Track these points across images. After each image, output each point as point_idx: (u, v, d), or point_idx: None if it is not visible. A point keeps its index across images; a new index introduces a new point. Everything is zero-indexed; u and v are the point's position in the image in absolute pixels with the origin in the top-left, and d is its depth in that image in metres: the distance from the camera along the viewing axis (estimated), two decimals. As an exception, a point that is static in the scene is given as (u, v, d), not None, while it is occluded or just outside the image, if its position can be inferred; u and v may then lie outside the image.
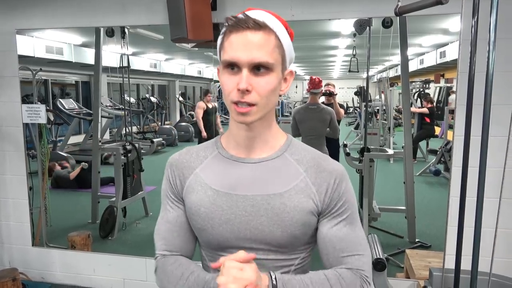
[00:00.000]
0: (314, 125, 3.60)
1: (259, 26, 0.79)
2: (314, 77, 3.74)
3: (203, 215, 0.87)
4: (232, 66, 0.80)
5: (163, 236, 0.94)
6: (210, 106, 5.85)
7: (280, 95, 0.88)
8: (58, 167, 5.64)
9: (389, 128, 7.56)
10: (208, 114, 5.79)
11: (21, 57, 2.90)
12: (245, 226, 0.85)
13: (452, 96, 8.39)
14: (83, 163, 5.13)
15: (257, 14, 0.81)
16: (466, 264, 1.46)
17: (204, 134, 5.61)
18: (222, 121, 12.58)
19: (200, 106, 5.80)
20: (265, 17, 0.81)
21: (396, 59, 5.69)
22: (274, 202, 0.85)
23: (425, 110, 6.97)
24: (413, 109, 7.05)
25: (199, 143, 6.07)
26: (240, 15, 0.81)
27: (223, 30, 0.82)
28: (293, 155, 0.90)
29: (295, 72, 0.88)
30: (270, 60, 0.79)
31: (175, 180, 0.93)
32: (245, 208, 0.85)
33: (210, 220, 0.86)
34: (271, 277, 0.79)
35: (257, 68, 0.79)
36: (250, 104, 0.80)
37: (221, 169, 0.89)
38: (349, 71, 4.53)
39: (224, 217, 0.86)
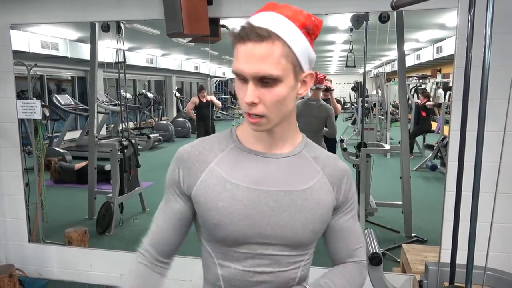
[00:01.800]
0: (310, 120, 3.60)
1: (263, 37, 0.74)
2: (318, 72, 3.75)
3: (221, 210, 0.83)
4: (241, 76, 0.78)
5: (155, 230, 0.95)
6: (203, 100, 6.14)
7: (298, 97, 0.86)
8: (62, 161, 5.74)
9: (386, 123, 7.58)
10: (201, 108, 6.15)
11: (16, 53, 2.88)
12: (267, 221, 0.84)
13: (440, 91, 8.41)
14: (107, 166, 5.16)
15: (263, 20, 0.77)
16: (461, 258, 1.47)
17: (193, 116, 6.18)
18: (219, 117, 12.62)
19: (192, 101, 6.30)
20: (271, 23, 0.76)
21: (393, 54, 5.70)
22: (297, 198, 0.86)
23: (429, 103, 6.98)
24: (430, 103, 7.07)
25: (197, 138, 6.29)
26: (245, 24, 0.77)
27: (231, 38, 0.79)
28: (310, 153, 0.92)
29: (315, 73, 0.88)
30: (275, 72, 0.75)
31: (183, 176, 0.88)
32: (267, 203, 0.84)
33: (228, 215, 0.83)
34: None
35: (264, 79, 0.76)
36: (259, 116, 0.79)
37: (240, 163, 0.87)
38: (346, 66, 4.53)
39: (244, 212, 0.83)
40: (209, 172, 0.86)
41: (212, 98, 6.37)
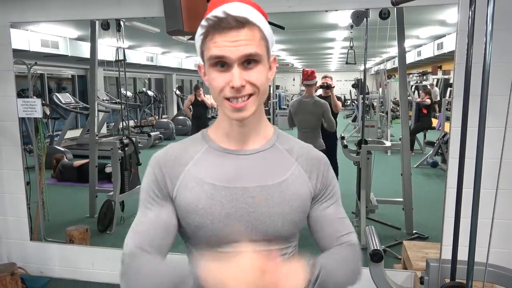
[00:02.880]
0: (307, 118, 3.60)
1: (242, 23, 0.78)
2: (306, 69, 3.74)
3: (201, 212, 0.83)
4: (222, 64, 0.79)
5: (139, 231, 0.85)
6: (199, 99, 6.29)
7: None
8: (65, 159, 5.77)
9: (386, 119, 7.57)
10: (196, 107, 6.33)
11: (16, 51, 2.88)
12: (246, 219, 0.84)
13: (435, 89, 8.39)
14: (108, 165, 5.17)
15: (237, 10, 0.79)
16: (462, 255, 1.47)
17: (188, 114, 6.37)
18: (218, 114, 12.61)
19: (189, 99, 6.51)
20: (246, 12, 0.80)
21: (393, 51, 5.68)
22: (274, 192, 0.85)
23: (428, 101, 6.97)
24: (418, 100, 7.07)
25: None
26: (220, 14, 0.78)
27: (203, 30, 0.80)
28: (283, 144, 0.92)
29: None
30: (259, 51, 0.80)
31: (164, 179, 0.86)
32: (245, 200, 0.84)
33: (209, 216, 0.83)
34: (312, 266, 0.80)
35: (248, 62, 0.79)
36: (249, 95, 0.80)
37: (215, 162, 0.87)
38: (347, 63, 4.51)
39: (224, 212, 0.83)
40: (186, 175, 0.86)
41: (204, 98, 6.37)
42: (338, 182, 0.98)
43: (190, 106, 6.43)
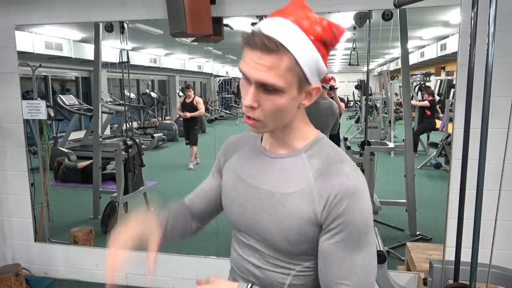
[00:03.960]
0: (327, 119, 3.56)
1: (270, 49, 0.72)
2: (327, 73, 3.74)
3: (227, 194, 0.94)
4: (246, 76, 0.78)
5: (195, 191, 1.07)
6: (187, 101, 6.28)
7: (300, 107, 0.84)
8: (67, 161, 5.79)
9: (389, 122, 7.55)
10: (185, 108, 6.28)
11: (20, 53, 2.90)
12: (253, 216, 0.87)
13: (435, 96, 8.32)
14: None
15: (274, 30, 0.73)
16: (466, 256, 1.47)
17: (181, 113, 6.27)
18: (222, 116, 12.62)
19: (180, 100, 6.55)
20: (282, 35, 0.73)
21: (396, 52, 5.67)
22: (277, 201, 0.83)
23: (426, 103, 6.95)
24: (414, 102, 7.03)
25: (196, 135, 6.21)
26: (256, 29, 0.75)
27: (242, 39, 0.78)
28: (312, 157, 0.83)
29: (322, 88, 0.87)
30: (278, 83, 0.74)
31: (220, 158, 1.02)
32: (255, 199, 0.87)
33: (230, 200, 0.93)
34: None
35: (266, 87, 0.76)
36: (254, 119, 0.80)
37: (250, 158, 0.93)
38: (349, 64, 4.51)
39: (239, 201, 0.90)
40: (231, 161, 0.98)
41: (198, 104, 6.25)
42: (365, 226, 0.78)
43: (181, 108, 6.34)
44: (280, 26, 0.75)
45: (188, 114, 6.12)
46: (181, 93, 11.69)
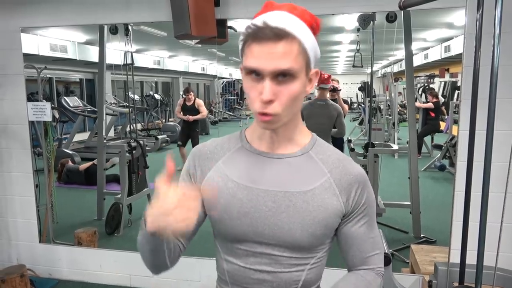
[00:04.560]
0: (321, 121, 3.58)
1: (279, 36, 0.75)
2: (323, 72, 3.74)
3: (221, 206, 0.87)
4: (256, 73, 0.78)
5: None
6: (188, 104, 6.17)
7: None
8: (70, 163, 5.81)
9: (393, 123, 7.54)
10: (186, 111, 6.15)
11: (25, 55, 2.91)
12: (264, 221, 0.84)
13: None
14: (96, 159, 5.19)
15: (277, 20, 0.77)
16: (471, 258, 1.46)
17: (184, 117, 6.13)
18: (225, 118, 12.64)
19: (178, 103, 6.36)
20: (286, 23, 0.76)
21: (400, 53, 5.66)
22: (296, 200, 0.83)
23: (430, 105, 6.93)
24: (418, 104, 7.01)
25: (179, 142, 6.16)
26: (260, 23, 0.76)
27: (243, 37, 0.79)
28: (318, 154, 0.89)
29: (320, 72, 0.85)
30: (295, 67, 0.77)
31: (195, 171, 0.92)
32: (265, 203, 0.84)
33: (228, 212, 0.86)
34: None
35: (281, 75, 0.77)
36: (272, 114, 0.79)
37: (244, 162, 0.89)
38: (353, 66, 4.52)
39: (242, 210, 0.85)
40: (215, 170, 0.90)
41: (200, 107, 6.18)
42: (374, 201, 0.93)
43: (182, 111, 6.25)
44: (280, 17, 0.78)
45: (191, 118, 6.07)
46: (184, 95, 11.74)
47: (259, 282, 0.87)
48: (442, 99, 7.85)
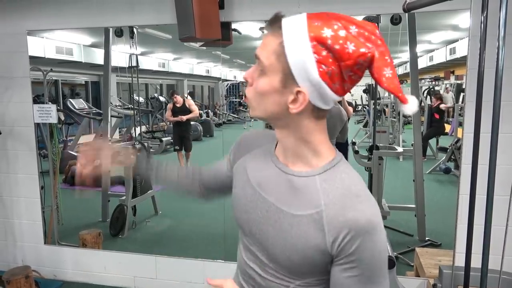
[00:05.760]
0: (335, 123, 3.55)
1: (272, 30, 0.75)
2: None
3: (235, 195, 0.92)
4: None
5: (211, 165, 1.09)
6: (178, 105, 6.21)
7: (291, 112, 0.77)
8: (75, 166, 5.81)
9: (398, 124, 7.51)
10: (176, 113, 6.19)
11: (31, 58, 2.94)
12: (257, 226, 0.85)
13: (450, 94, 8.24)
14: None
15: (288, 18, 0.75)
16: (476, 262, 1.45)
17: (176, 118, 6.17)
18: (230, 120, 12.65)
19: (168, 107, 6.40)
20: (287, 22, 0.74)
21: (405, 56, 5.64)
22: (284, 219, 0.80)
23: (450, 105, 6.90)
24: (443, 106, 7.00)
25: (173, 145, 6.15)
26: (277, 13, 0.78)
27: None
28: (325, 181, 0.78)
29: (308, 96, 0.73)
30: (263, 60, 0.75)
31: (233, 152, 1.01)
32: (261, 209, 0.84)
33: (237, 201, 0.91)
34: None
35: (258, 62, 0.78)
36: (247, 97, 0.82)
37: (261, 163, 0.90)
38: (358, 68, 4.50)
39: (245, 206, 0.88)
40: (243, 160, 0.95)
41: (190, 102, 6.22)
42: (379, 263, 0.76)
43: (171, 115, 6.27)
44: (294, 17, 0.75)
45: (184, 117, 6.08)
46: (189, 97, 11.77)
47: (250, 278, 0.89)
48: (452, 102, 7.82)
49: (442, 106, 6.95)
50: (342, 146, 3.86)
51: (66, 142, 6.80)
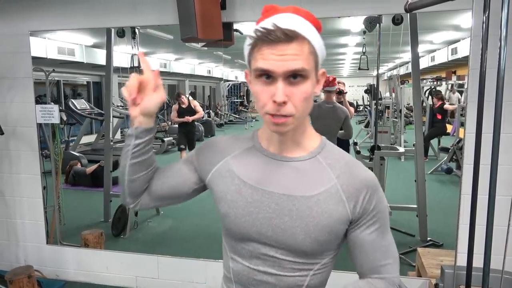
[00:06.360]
0: (329, 122, 3.58)
1: (290, 37, 0.75)
2: (328, 75, 3.74)
3: (228, 202, 0.88)
4: (267, 76, 0.77)
5: (163, 172, 0.99)
6: (183, 106, 6.21)
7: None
8: (79, 165, 5.86)
9: (400, 125, 7.50)
10: (180, 114, 6.19)
11: (34, 59, 2.95)
12: (268, 223, 0.84)
13: (456, 94, 8.25)
14: (102, 161, 5.21)
15: (287, 22, 0.77)
16: (478, 262, 1.45)
17: (182, 119, 6.16)
18: (231, 120, 12.66)
19: (173, 108, 6.36)
20: (295, 24, 0.77)
21: (406, 56, 5.65)
22: (300, 204, 0.83)
23: (455, 107, 6.90)
24: (447, 106, 6.99)
25: (178, 145, 6.13)
26: (270, 26, 0.76)
27: (251, 41, 0.79)
28: (326, 158, 0.87)
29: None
30: (307, 67, 0.77)
31: (201, 158, 0.95)
32: (269, 205, 0.85)
33: (234, 208, 0.87)
34: None
35: (293, 76, 0.77)
36: (287, 116, 0.78)
37: (252, 162, 0.89)
38: (359, 69, 4.51)
39: (247, 209, 0.86)
40: (223, 164, 0.92)
41: (196, 107, 6.23)
42: (387, 210, 0.89)
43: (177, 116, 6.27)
44: (289, 19, 0.79)
45: (190, 118, 6.14)
46: (190, 98, 11.78)
47: (262, 283, 0.87)
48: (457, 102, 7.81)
49: (447, 107, 6.94)
50: (343, 143, 3.87)
51: (68, 142, 6.82)
